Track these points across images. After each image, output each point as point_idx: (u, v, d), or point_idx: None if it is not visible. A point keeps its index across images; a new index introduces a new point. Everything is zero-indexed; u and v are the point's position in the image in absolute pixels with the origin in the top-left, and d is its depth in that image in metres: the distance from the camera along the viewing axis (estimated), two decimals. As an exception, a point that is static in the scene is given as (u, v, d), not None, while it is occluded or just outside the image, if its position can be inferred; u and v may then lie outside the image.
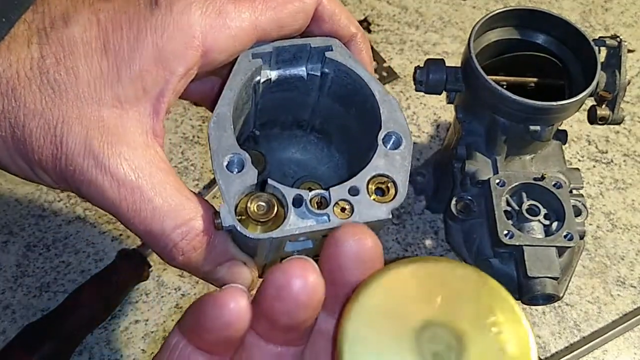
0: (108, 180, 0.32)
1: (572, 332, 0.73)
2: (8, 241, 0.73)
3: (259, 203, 0.34)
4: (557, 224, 0.60)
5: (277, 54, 0.38)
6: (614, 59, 0.65)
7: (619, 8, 1.06)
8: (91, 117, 0.33)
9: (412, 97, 0.91)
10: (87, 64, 0.33)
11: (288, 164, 0.46)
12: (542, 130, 0.61)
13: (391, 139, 0.37)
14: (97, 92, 0.33)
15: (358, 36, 0.40)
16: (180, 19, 0.34)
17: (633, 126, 0.92)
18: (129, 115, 0.33)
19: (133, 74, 0.33)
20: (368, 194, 0.35)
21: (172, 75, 0.34)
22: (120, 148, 0.33)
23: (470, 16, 1.02)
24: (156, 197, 0.33)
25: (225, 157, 0.34)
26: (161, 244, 0.34)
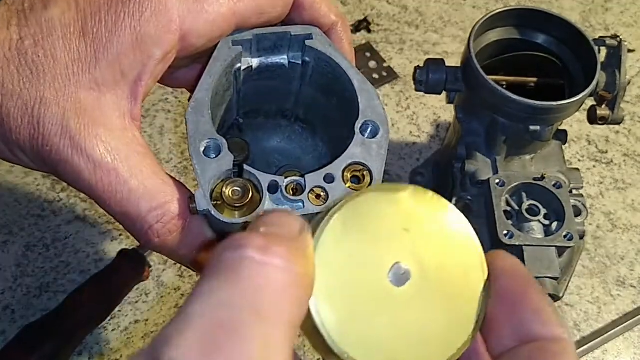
0: (84, 161, 0.33)
1: (572, 332, 0.73)
2: (8, 241, 0.73)
3: (234, 188, 0.35)
4: (557, 224, 0.60)
5: (258, 41, 0.39)
6: (614, 58, 0.65)
7: (619, 8, 1.06)
8: (69, 98, 0.33)
9: (412, 97, 0.91)
10: (65, 46, 0.33)
11: (272, 153, 0.46)
12: (542, 130, 0.61)
13: (368, 128, 0.37)
14: (75, 75, 0.33)
15: (339, 24, 0.40)
16: (159, 3, 0.34)
17: (633, 126, 0.92)
18: (106, 98, 0.34)
19: (111, 57, 0.33)
20: (343, 182, 0.36)
21: (150, 59, 0.34)
22: (97, 130, 0.33)
23: (470, 16, 1.02)
24: (132, 179, 0.33)
25: (202, 142, 0.35)
26: (137, 226, 0.35)
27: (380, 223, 0.29)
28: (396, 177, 0.83)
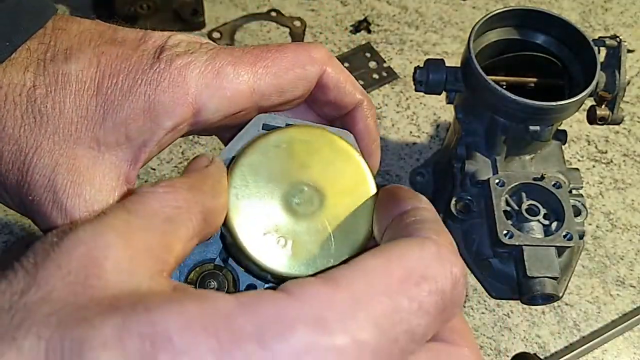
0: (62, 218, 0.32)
1: (571, 331, 0.73)
2: (8, 241, 0.73)
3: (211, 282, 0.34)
4: (556, 224, 0.60)
5: None
6: (614, 59, 0.65)
7: (618, 8, 1.07)
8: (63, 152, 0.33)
9: (412, 97, 0.91)
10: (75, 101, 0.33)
11: None
12: (542, 130, 0.61)
13: None
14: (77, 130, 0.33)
15: (364, 103, 0.40)
16: (177, 75, 0.34)
17: (633, 126, 0.92)
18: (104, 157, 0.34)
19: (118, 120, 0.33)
20: None
21: (159, 127, 0.34)
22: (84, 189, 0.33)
23: (470, 16, 1.02)
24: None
25: None
26: None
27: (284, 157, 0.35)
28: (396, 178, 0.83)
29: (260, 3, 0.99)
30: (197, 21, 0.93)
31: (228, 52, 0.36)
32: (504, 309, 0.74)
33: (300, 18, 0.97)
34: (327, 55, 0.39)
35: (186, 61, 0.34)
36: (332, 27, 0.98)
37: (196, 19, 0.93)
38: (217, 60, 0.35)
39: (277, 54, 0.37)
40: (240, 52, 0.36)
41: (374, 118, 0.41)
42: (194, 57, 0.35)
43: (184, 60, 0.34)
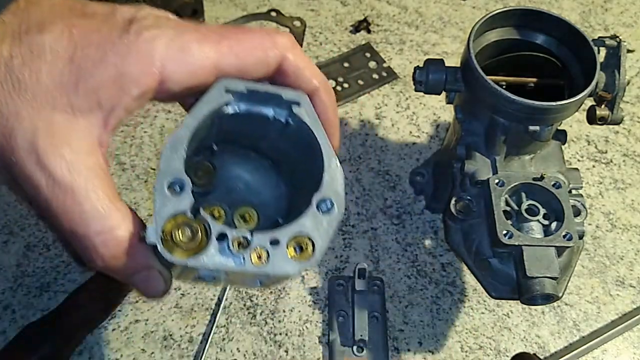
0: (45, 178, 0.35)
1: (571, 331, 0.73)
2: (8, 241, 0.73)
3: (185, 230, 0.36)
4: (556, 224, 0.60)
5: (249, 95, 0.41)
6: (614, 59, 0.65)
7: (618, 8, 1.07)
8: (42, 117, 0.35)
9: (411, 97, 0.91)
10: (50, 69, 0.35)
11: (236, 180, 0.48)
12: (542, 130, 0.61)
13: (324, 204, 0.39)
14: (53, 97, 0.35)
15: (320, 91, 0.42)
16: (144, 47, 0.36)
17: (632, 126, 0.92)
18: (78, 122, 0.36)
19: (90, 87, 0.36)
20: (286, 248, 0.38)
21: (126, 95, 0.37)
22: (63, 150, 0.35)
23: (469, 16, 1.02)
24: (87, 201, 0.35)
25: (168, 178, 0.37)
26: (82, 246, 0.37)
27: None
28: (396, 177, 0.83)
29: (260, 3, 0.99)
30: (197, 21, 0.93)
31: (195, 28, 0.38)
32: (503, 309, 0.74)
33: (300, 18, 0.98)
34: (290, 42, 0.41)
35: (153, 34, 0.37)
36: (332, 27, 0.98)
37: (196, 19, 0.93)
38: (184, 35, 0.37)
39: (242, 35, 0.39)
40: (206, 30, 0.38)
41: (333, 104, 0.43)
42: (161, 31, 0.37)
43: (151, 33, 0.37)
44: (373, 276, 0.74)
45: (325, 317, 0.72)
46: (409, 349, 0.71)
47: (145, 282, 0.40)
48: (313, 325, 0.71)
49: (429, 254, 0.78)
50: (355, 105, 0.90)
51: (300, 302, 0.72)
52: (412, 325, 0.72)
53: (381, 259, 0.77)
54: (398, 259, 0.77)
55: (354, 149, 0.85)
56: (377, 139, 0.87)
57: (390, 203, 0.81)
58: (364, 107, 0.90)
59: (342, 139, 0.86)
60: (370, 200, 0.81)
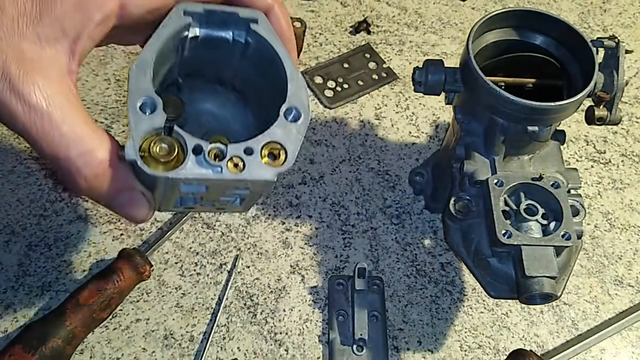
0: (21, 104, 0.36)
1: (570, 331, 0.74)
2: (10, 241, 0.73)
3: (161, 145, 0.38)
4: (555, 224, 0.60)
5: (207, 16, 0.42)
6: (612, 59, 0.66)
7: (617, 9, 1.07)
8: (12, 47, 0.36)
9: (411, 97, 0.91)
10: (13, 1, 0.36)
11: (205, 115, 0.50)
12: (541, 130, 0.61)
13: (292, 113, 0.41)
14: (20, 27, 0.36)
15: (275, 7, 0.44)
16: None
17: (631, 127, 0.92)
18: (46, 51, 0.37)
19: (54, 16, 0.37)
20: (261, 156, 0.39)
21: (90, 21, 0.38)
22: (35, 77, 0.36)
23: (469, 17, 1.02)
24: (64, 125, 0.37)
25: (140, 98, 0.38)
26: (65, 168, 0.38)
27: None
28: (395, 177, 0.83)
29: (260, 4, 0.99)
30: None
31: None
32: (502, 309, 0.75)
33: (300, 19, 0.98)
34: None
35: None
36: (332, 28, 0.98)
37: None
38: None
39: None
40: None
41: (287, 20, 0.45)
42: None
43: None
44: (373, 275, 0.75)
45: (325, 316, 0.72)
46: (409, 348, 0.71)
47: (128, 204, 0.41)
48: (313, 324, 0.72)
49: (429, 253, 0.78)
50: (355, 105, 0.90)
51: (301, 302, 0.73)
52: (411, 324, 0.73)
53: (381, 258, 0.77)
54: (398, 259, 0.77)
55: (354, 149, 0.85)
56: (376, 139, 0.87)
57: (389, 203, 0.81)
58: (364, 108, 0.90)
59: (342, 139, 0.86)
60: (370, 200, 0.81)
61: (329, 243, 0.77)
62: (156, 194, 0.42)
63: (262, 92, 0.46)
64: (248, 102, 0.50)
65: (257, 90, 0.47)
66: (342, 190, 0.82)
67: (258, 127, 0.47)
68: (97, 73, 0.88)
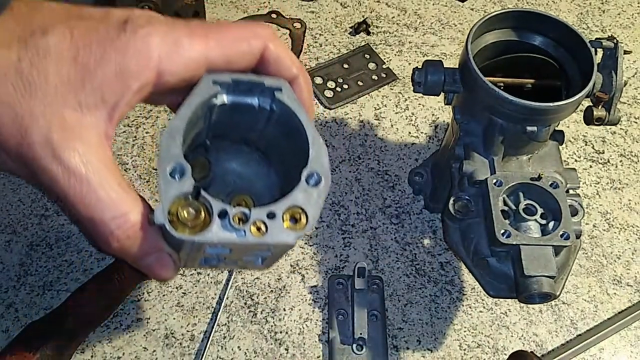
0: (61, 169, 0.37)
1: (568, 330, 0.74)
2: (11, 240, 0.74)
3: (189, 209, 0.40)
4: (553, 224, 0.61)
5: (235, 85, 0.44)
6: (611, 60, 0.66)
7: (615, 10, 1.07)
8: (54, 115, 0.38)
9: (410, 98, 0.92)
10: (57, 70, 0.38)
11: (231, 174, 0.52)
12: (539, 130, 0.62)
13: (313, 178, 0.43)
14: (62, 95, 0.38)
15: (299, 78, 0.45)
16: (141, 43, 0.39)
17: (629, 127, 0.93)
18: (87, 119, 0.39)
19: (95, 85, 0.38)
20: (282, 220, 0.41)
21: (128, 89, 0.39)
22: (75, 144, 0.38)
23: (468, 18, 1.03)
24: (100, 189, 0.39)
25: (170, 164, 0.40)
26: (99, 230, 0.40)
27: None
28: (395, 177, 0.84)
29: (261, 5, 1.00)
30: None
31: (184, 24, 0.41)
32: (501, 308, 0.75)
33: (300, 20, 0.98)
34: (270, 33, 0.44)
35: (148, 31, 0.40)
36: (332, 29, 0.99)
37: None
38: (175, 31, 0.41)
39: (227, 29, 0.43)
40: (194, 25, 0.42)
41: (309, 89, 0.46)
42: (155, 28, 0.40)
43: (146, 30, 0.40)
44: (372, 275, 0.75)
45: (325, 315, 0.72)
46: (408, 347, 0.71)
47: (155, 264, 0.43)
48: (313, 323, 0.72)
49: (428, 253, 0.78)
50: (354, 106, 0.90)
51: (301, 301, 0.73)
52: (411, 323, 0.73)
53: (380, 258, 0.77)
54: (397, 258, 0.77)
55: (354, 149, 0.86)
56: (376, 140, 0.87)
57: (389, 203, 0.82)
58: (364, 108, 0.90)
59: (342, 139, 0.87)
60: (369, 200, 0.82)
61: (328, 243, 0.78)
62: (181, 253, 0.43)
63: (285, 153, 0.48)
64: (271, 161, 0.51)
65: (280, 151, 0.49)
66: (342, 190, 0.82)
67: (280, 185, 0.49)
68: (97, 73, 0.88)
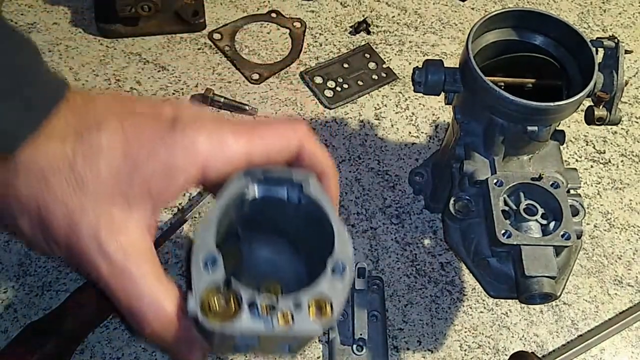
0: (106, 262, 0.40)
1: (569, 330, 0.74)
2: (10, 240, 0.73)
3: (220, 300, 0.42)
4: (554, 224, 0.61)
5: (265, 179, 0.47)
6: (612, 59, 0.66)
7: (616, 9, 1.07)
8: (103, 209, 0.41)
9: (410, 97, 0.92)
10: (107, 165, 0.41)
11: (260, 261, 0.55)
12: (540, 130, 0.62)
13: (338, 268, 0.44)
14: (112, 191, 0.41)
15: (329, 174, 0.49)
16: (189, 142, 0.42)
17: (630, 127, 0.93)
18: (132, 212, 0.41)
19: (142, 180, 0.41)
20: (308, 310, 0.42)
21: (174, 184, 0.42)
22: (120, 238, 0.41)
23: (468, 17, 1.02)
24: (140, 281, 0.41)
25: (203, 255, 0.42)
26: (137, 318, 0.42)
27: None
28: (395, 177, 0.84)
29: (261, 4, 1.00)
30: (198, 22, 0.94)
31: (229, 122, 0.44)
32: (502, 308, 0.75)
33: (300, 19, 0.98)
34: (306, 131, 0.47)
35: (196, 130, 0.42)
36: (332, 28, 0.98)
37: (197, 20, 0.93)
38: (221, 129, 0.43)
39: (268, 127, 0.46)
40: (239, 123, 0.44)
41: (336, 182, 0.50)
42: (202, 126, 0.42)
43: (194, 129, 0.42)
44: (372, 275, 0.75)
45: (325, 316, 0.72)
46: (408, 348, 0.71)
47: (187, 351, 0.45)
48: (313, 324, 0.72)
49: (428, 253, 0.78)
50: (354, 105, 0.90)
51: (301, 301, 0.73)
52: (411, 324, 0.73)
53: (380, 258, 0.77)
54: (397, 259, 0.77)
55: (354, 149, 0.86)
56: (376, 139, 0.87)
57: (389, 203, 0.82)
58: (364, 108, 0.90)
59: (342, 139, 0.86)
60: (369, 200, 0.82)
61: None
62: (213, 341, 0.45)
63: (311, 239, 0.50)
64: (299, 247, 0.54)
65: (307, 238, 0.51)
66: (342, 190, 0.82)
67: (307, 270, 0.52)
68: (97, 73, 0.88)
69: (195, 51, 0.93)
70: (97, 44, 0.92)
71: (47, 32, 0.92)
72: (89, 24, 0.93)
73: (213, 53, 0.93)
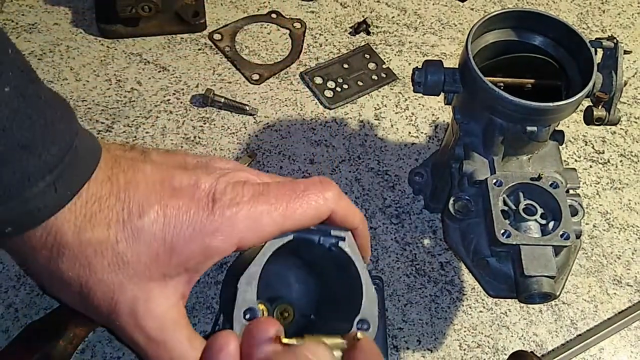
0: (142, 335, 0.43)
1: (568, 330, 0.74)
2: (11, 240, 0.73)
3: None
4: (553, 224, 0.61)
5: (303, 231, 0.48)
6: (611, 60, 0.66)
7: (615, 10, 1.07)
8: (140, 287, 0.43)
9: (410, 98, 0.92)
10: (148, 249, 0.43)
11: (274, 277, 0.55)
12: (539, 130, 0.62)
13: (363, 325, 0.46)
14: (150, 271, 0.43)
15: (360, 229, 0.50)
16: (228, 224, 0.44)
17: (629, 127, 0.93)
18: (168, 286, 0.44)
19: (181, 260, 0.44)
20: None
21: (210, 262, 0.45)
22: (156, 310, 0.43)
23: (468, 18, 1.03)
24: (174, 349, 0.44)
25: (245, 308, 0.44)
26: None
27: None
28: (395, 178, 0.84)
29: (261, 5, 1.00)
30: (198, 23, 0.94)
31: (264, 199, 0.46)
32: (501, 308, 0.75)
33: (300, 20, 0.98)
34: (337, 195, 0.49)
35: (233, 212, 0.44)
36: (332, 29, 0.99)
37: (197, 20, 0.94)
38: (257, 208, 0.45)
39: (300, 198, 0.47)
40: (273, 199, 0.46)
41: (367, 239, 0.51)
42: (240, 207, 0.45)
43: (231, 211, 0.44)
44: (372, 275, 0.75)
45: (325, 315, 0.72)
46: (408, 347, 0.71)
47: None
48: (313, 323, 0.72)
49: (428, 253, 0.78)
50: (354, 106, 0.90)
51: (301, 301, 0.73)
52: (411, 323, 0.73)
53: (380, 258, 0.77)
54: (397, 258, 0.77)
55: (354, 149, 0.86)
56: (376, 140, 0.87)
57: (389, 203, 0.82)
58: (364, 108, 0.90)
59: (342, 139, 0.87)
60: (369, 200, 0.82)
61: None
62: None
63: (328, 272, 0.52)
64: (313, 271, 0.55)
65: (323, 269, 0.53)
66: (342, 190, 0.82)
67: (318, 294, 0.54)
68: (97, 74, 0.89)
69: (196, 52, 0.93)
70: (98, 44, 0.92)
71: (47, 32, 0.92)
72: (89, 25, 0.93)
73: (213, 53, 0.93)
